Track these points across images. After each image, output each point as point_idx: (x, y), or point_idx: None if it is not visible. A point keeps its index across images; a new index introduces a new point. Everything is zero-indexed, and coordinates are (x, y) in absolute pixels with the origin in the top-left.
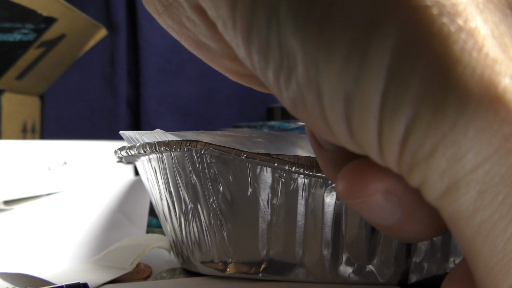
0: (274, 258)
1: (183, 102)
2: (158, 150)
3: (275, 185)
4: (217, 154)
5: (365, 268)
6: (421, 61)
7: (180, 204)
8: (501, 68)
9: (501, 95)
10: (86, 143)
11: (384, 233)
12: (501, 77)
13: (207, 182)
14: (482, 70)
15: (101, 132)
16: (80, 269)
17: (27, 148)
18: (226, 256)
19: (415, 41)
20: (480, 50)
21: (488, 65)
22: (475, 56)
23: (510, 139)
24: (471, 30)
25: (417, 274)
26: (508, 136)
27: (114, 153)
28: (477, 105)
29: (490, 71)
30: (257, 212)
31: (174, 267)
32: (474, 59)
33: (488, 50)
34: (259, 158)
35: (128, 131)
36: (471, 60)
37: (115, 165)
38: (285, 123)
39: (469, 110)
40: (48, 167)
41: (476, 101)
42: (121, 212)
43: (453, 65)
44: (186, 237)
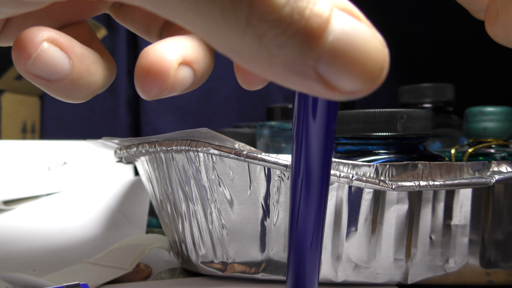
0: (274, 258)
1: (183, 102)
2: (158, 150)
3: (275, 185)
4: (217, 154)
5: (365, 268)
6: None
7: (180, 204)
8: None
9: None
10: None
11: (60, 93)
12: None
13: (207, 182)
14: None
15: (101, 132)
16: (80, 269)
17: (27, 148)
18: (226, 256)
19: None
20: None
21: None
22: None
23: None
24: None
25: (417, 274)
26: None
27: (114, 153)
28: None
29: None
30: (257, 212)
31: (174, 267)
32: None
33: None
34: (259, 158)
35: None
36: None
37: (115, 165)
38: (285, 123)
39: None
40: (48, 167)
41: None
42: (121, 212)
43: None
44: (186, 237)
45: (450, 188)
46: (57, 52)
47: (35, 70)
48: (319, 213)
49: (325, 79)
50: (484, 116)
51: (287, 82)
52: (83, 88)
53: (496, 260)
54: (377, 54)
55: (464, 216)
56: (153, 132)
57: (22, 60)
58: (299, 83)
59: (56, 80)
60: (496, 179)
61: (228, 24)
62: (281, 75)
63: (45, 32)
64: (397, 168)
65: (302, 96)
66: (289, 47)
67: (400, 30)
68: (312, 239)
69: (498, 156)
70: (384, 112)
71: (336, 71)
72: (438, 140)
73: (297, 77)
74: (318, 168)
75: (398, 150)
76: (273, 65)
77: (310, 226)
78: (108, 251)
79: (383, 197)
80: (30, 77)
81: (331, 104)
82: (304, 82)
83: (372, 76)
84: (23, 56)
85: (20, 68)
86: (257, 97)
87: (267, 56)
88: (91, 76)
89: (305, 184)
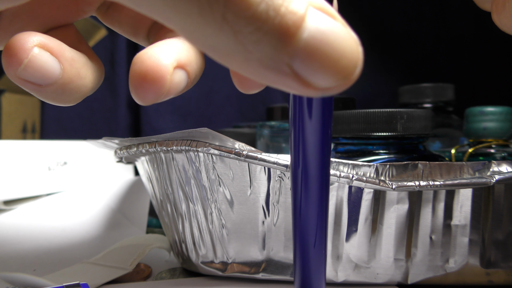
0: (274, 258)
1: (183, 102)
2: (158, 150)
3: (275, 185)
4: (217, 154)
5: (365, 268)
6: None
7: (180, 204)
8: None
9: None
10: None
11: (52, 98)
12: None
13: (207, 182)
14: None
15: (101, 132)
16: (80, 269)
17: (27, 148)
18: (226, 256)
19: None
20: None
21: None
22: None
23: None
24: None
25: (417, 274)
26: None
27: (114, 153)
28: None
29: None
30: (257, 212)
31: (174, 267)
32: None
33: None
34: (259, 158)
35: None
36: None
37: (115, 165)
38: (285, 123)
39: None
40: (48, 167)
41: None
42: (121, 212)
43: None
44: (186, 237)
45: (450, 188)
46: (47, 57)
47: (26, 76)
48: (321, 212)
49: (300, 76)
50: (484, 116)
51: (263, 78)
52: (74, 92)
53: (496, 260)
54: (351, 52)
55: (464, 216)
56: (153, 132)
57: (12, 66)
58: (275, 80)
59: (46, 85)
60: (496, 179)
61: (205, 20)
62: (257, 72)
63: (35, 37)
64: (397, 168)
65: (296, 95)
66: (264, 44)
67: (400, 30)
68: (315, 239)
69: (498, 156)
70: (384, 112)
71: (310, 68)
72: (438, 140)
73: (273, 73)
74: (317, 166)
75: (398, 150)
76: (249, 62)
77: (313, 226)
78: (108, 251)
79: (383, 197)
80: (21, 82)
81: (326, 101)
82: (279, 78)
83: (345, 73)
84: (14, 62)
85: (11, 74)
86: (257, 97)
87: (243, 52)
88: (81, 79)
89: (304, 182)
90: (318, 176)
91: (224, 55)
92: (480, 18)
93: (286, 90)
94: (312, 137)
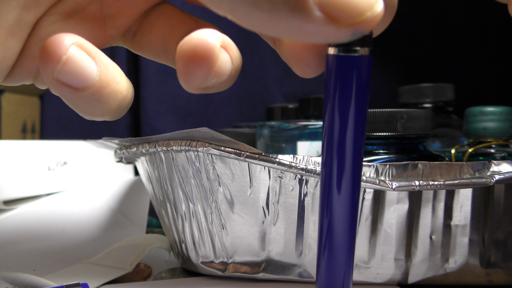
0: (274, 258)
1: (183, 102)
2: (158, 150)
3: (275, 185)
4: (217, 154)
5: (365, 268)
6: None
7: (180, 204)
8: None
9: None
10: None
11: (85, 107)
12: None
13: (207, 182)
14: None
15: (101, 132)
16: (80, 269)
17: (27, 148)
18: (226, 256)
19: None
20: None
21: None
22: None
23: None
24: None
25: (417, 274)
26: None
27: (114, 153)
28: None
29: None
30: (257, 212)
31: (174, 267)
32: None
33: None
34: (259, 158)
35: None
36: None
37: (115, 165)
38: (285, 123)
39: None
40: (48, 167)
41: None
42: (121, 212)
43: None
44: (186, 237)
45: (450, 188)
46: (85, 57)
47: (63, 76)
48: (353, 216)
49: (327, 13)
50: (484, 116)
51: (291, 27)
52: (110, 98)
53: (496, 260)
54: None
55: (464, 216)
56: (153, 132)
57: (50, 64)
58: (303, 24)
59: (84, 87)
60: (496, 179)
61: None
62: (284, 18)
63: (71, 37)
64: (397, 168)
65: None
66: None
67: (400, 30)
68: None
69: (498, 156)
70: (384, 112)
71: (336, 2)
72: (438, 140)
73: (300, 16)
74: (351, 169)
75: (398, 150)
76: (275, 8)
77: (344, 232)
78: (108, 251)
79: (383, 197)
80: (57, 86)
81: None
82: (306, 22)
83: (369, 5)
84: (52, 60)
85: (48, 75)
86: (257, 97)
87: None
88: (117, 84)
89: (337, 184)
90: (351, 180)
91: (250, 5)
92: (480, 18)
93: (315, 37)
94: (349, 136)
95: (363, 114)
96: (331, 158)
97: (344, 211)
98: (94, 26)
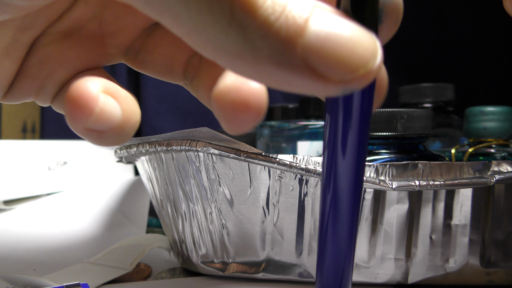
0: (274, 258)
1: (183, 102)
2: (158, 150)
3: (275, 185)
4: (217, 153)
5: (365, 268)
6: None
7: (180, 204)
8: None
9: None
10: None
11: (113, 139)
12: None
13: (207, 182)
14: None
15: None
16: (80, 269)
17: (27, 148)
18: (226, 256)
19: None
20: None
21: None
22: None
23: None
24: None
25: (417, 274)
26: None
27: (114, 152)
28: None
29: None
30: (257, 212)
31: (174, 267)
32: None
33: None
34: (259, 158)
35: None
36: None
37: (115, 165)
38: (285, 123)
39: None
40: (48, 167)
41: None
42: (121, 212)
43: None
44: (186, 237)
45: (450, 188)
46: (112, 102)
47: (94, 126)
48: (354, 214)
49: (315, 69)
50: (484, 116)
51: (275, 79)
52: (131, 130)
53: (496, 260)
54: (365, 41)
55: (464, 216)
56: (153, 132)
57: (82, 118)
58: (290, 78)
59: (109, 129)
60: (496, 179)
61: (214, 17)
62: (268, 71)
63: (98, 82)
64: (397, 168)
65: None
66: (273, 37)
67: (400, 30)
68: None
69: (498, 156)
70: (384, 112)
71: (325, 58)
72: (438, 140)
73: (286, 70)
74: (352, 170)
75: (398, 150)
76: (260, 60)
77: (345, 233)
78: (108, 251)
79: (383, 197)
80: (85, 132)
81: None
82: (294, 75)
83: (363, 63)
84: (85, 113)
85: (78, 126)
86: None
87: (253, 50)
88: (135, 115)
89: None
90: (352, 181)
91: (233, 56)
92: (480, 18)
93: (303, 90)
94: (351, 137)
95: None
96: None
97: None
98: (93, 45)
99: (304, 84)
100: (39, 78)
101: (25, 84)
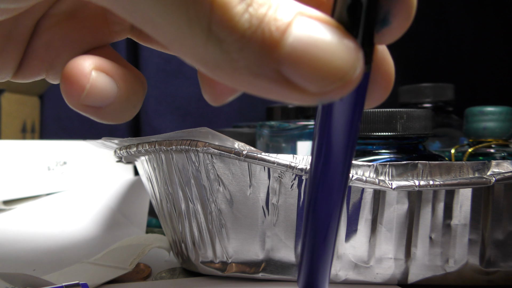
0: (273, 258)
1: (183, 102)
2: (157, 150)
3: (275, 185)
4: (216, 154)
5: (365, 268)
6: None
7: (180, 204)
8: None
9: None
10: (86, 143)
11: (105, 118)
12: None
13: (207, 182)
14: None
15: (101, 132)
16: (80, 269)
17: (27, 148)
18: (226, 256)
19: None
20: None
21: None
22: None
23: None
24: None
25: (417, 274)
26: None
27: (114, 152)
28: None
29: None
30: (257, 212)
31: (174, 267)
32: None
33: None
34: (259, 158)
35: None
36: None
37: (115, 165)
38: (285, 123)
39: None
40: (48, 167)
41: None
42: (121, 212)
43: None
44: (186, 237)
45: (450, 188)
46: (105, 79)
47: (88, 101)
48: (336, 209)
49: (290, 81)
50: (484, 116)
51: (254, 88)
52: (130, 107)
53: (496, 260)
54: (343, 54)
55: (464, 216)
56: (153, 132)
57: (75, 94)
58: (266, 88)
59: (106, 106)
60: (496, 179)
61: (193, 31)
62: (247, 81)
63: (90, 60)
64: (397, 168)
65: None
66: (248, 51)
67: None
68: (326, 235)
69: (498, 156)
70: (384, 112)
71: (299, 71)
72: (438, 140)
73: (262, 81)
74: (340, 160)
75: (398, 150)
76: (237, 71)
77: (325, 223)
78: (108, 251)
79: (383, 197)
80: (82, 108)
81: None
82: (269, 85)
83: (339, 76)
84: (77, 89)
85: (74, 102)
86: (257, 97)
87: (230, 62)
88: (135, 94)
89: (324, 174)
90: (340, 170)
91: (213, 67)
92: (480, 18)
93: (281, 98)
94: (339, 125)
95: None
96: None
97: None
98: (96, 24)
99: (282, 94)
100: (47, 59)
101: (33, 65)
